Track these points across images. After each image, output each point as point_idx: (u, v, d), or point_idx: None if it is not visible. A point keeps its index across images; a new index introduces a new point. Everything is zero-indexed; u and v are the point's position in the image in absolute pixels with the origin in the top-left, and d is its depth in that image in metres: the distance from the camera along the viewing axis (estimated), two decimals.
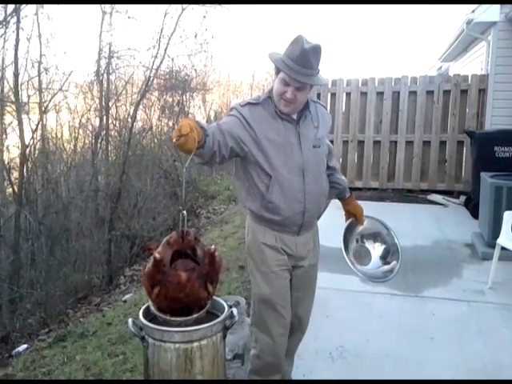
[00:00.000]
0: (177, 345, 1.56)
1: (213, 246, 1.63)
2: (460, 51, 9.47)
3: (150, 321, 1.63)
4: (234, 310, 1.69)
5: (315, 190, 2.00)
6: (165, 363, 1.56)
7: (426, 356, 2.69)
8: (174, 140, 1.54)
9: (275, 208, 1.93)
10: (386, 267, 2.22)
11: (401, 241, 4.93)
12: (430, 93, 7.14)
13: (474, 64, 8.24)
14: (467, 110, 7.01)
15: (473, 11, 6.76)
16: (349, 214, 2.26)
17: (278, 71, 1.88)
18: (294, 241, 2.01)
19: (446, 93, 7.08)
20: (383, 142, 7.35)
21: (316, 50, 1.82)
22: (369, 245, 2.28)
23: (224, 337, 1.65)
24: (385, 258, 2.24)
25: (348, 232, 2.22)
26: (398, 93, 7.25)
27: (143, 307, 1.70)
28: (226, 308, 1.69)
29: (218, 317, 1.65)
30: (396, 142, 7.31)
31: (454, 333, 2.97)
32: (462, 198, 6.58)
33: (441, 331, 2.98)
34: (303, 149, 1.96)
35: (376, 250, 2.26)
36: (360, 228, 2.26)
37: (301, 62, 1.79)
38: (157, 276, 1.56)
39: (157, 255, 1.54)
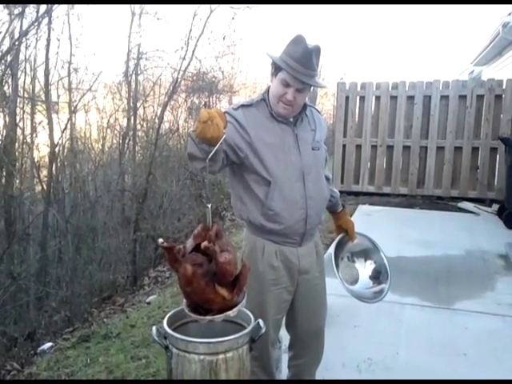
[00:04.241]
0: (201, 356, 1.49)
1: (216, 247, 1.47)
2: (494, 55, 9.23)
3: (174, 330, 1.57)
4: (261, 322, 1.62)
5: (316, 194, 1.89)
6: (189, 375, 1.50)
7: (459, 372, 2.57)
8: (193, 129, 1.41)
9: (275, 216, 1.82)
10: (377, 288, 2.16)
11: (431, 250, 4.78)
12: (462, 97, 6.96)
13: (510, 68, 8.00)
14: (501, 116, 6.80)
15: (509, 14, 6.58)
16: (340, 229, 2.17)
17: (276, 72, 1.79)
18: (295, 253, 1.90)
19: (480, 98, 6.89)
20: (413, 147, 7.20)
21: (318, 51, 1.74)
22: (359, 263, 2.21)
23: (250, 349, 1.58)
24: (376, 278, 2.18)
25: (338, 248, 2.15)
26: (430, 97, 7.09)
27: (168, 315, 1.64)
28: (253, 319, 1.62)
29: (244, 328, 1.58)
30: (426, 148, 7.15)
31: (488, 349, 2.84)
32: (495, 206, 6.37)
33: (474, 347, 2.86)
34: (302, 151, 1.86)
35: (366, 269, 2.20)
36: (350, 244, 2.18)
37: (303, 63, 1.70)
38: (174, 264, 1.50)
39: (164, 242, 1.48)
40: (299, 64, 1.71)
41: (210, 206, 1.52)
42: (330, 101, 14.14)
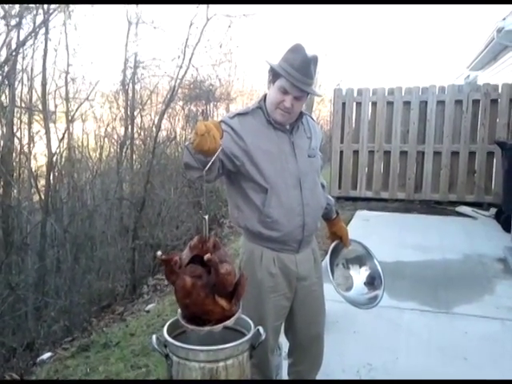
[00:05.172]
0: (202, 364, 1.49)
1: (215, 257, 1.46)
2: (489, 60, 9.29)
3: (174, 338, 1.57)
4: (261, 329, 1.62)
5: (313, 201, 1.91)
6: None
7: (459, 377, 2.56)
8: (190, 142, 1.41)
9: (274, 223, 1.83)
10: (371, 294, 2.17)
11: (429, 254, 4.79)
12: (458, 102, 7.00)
13: (505, 73, 8.06)
14: (497, 120, 6.84)
15: (504, 19, 6.63)
16: (334, 236, 2.18)
17: (274, 79, 1.82)
18: (293, 259, 1.91)
19: (476, 102, 6.92)
20: (410, 152, 7.22)
21: (316, 60, 1.78)
22: (354, 270, 2.22)
23: (250, 356, 1.58)
24: (371, 284, 2.19)
25: (333, 255, 2.16)
26: (426, 102, 7.12)
27: (167, 323, 1.64)
28: (253, 326, 1.62)
29: (244, 335, 1.58)
30: (423, 153, 7.18)
31: (488, 353, 2.84)
32: (492, 210, 6.39)
33: (474, 351, 2.86)
34: (298, 159, 1.88)
35: (361, 275, 2.21)
36: (345, 251, 2.20)
37: (302, 71, 1.74)
38: (171, 277, 1.50)
39: (162, 255, 1.47)
40: (298, 72, 1.74)
41: (206, 217, 1.53)
42: (326, 107, 14.17)
